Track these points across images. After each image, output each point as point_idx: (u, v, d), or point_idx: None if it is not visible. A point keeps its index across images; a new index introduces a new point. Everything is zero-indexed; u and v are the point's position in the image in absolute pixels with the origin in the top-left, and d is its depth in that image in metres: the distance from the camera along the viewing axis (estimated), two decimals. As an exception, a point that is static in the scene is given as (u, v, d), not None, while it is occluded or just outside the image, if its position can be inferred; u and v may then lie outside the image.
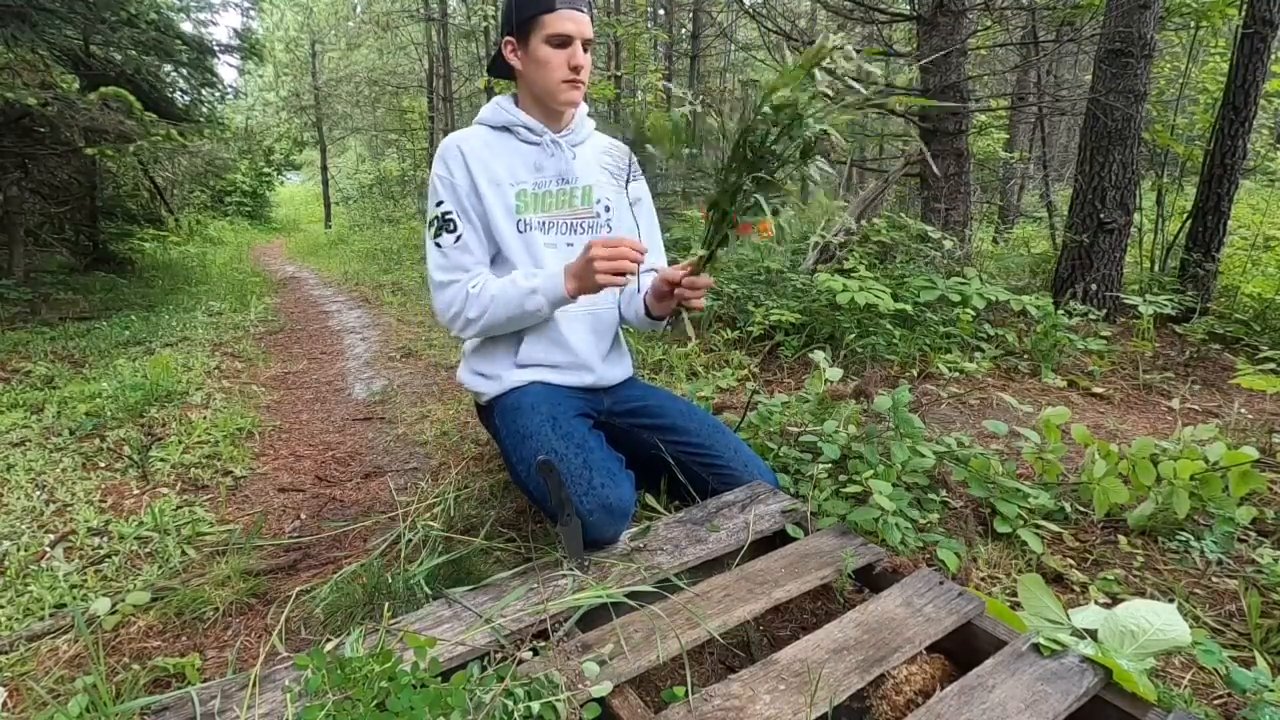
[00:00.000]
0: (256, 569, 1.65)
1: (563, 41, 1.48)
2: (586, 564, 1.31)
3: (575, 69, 1.50)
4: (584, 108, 1.68)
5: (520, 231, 1.59)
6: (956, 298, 3.29)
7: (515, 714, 0.91)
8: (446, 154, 1.57)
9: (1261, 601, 1.41)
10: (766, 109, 1.20)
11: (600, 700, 1.00)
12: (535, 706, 0.93)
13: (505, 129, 1.61)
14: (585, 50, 1.52)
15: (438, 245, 1.55)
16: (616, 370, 1.74)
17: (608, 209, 1.69)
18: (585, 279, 1.42)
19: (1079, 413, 2.67)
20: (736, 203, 1.30)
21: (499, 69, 1.62)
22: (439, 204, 1.56)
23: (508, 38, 1.54)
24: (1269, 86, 4.02)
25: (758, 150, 1.23)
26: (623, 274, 1.38)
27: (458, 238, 1.54)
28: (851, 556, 1.34)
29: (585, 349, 1.65)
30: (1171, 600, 1.45)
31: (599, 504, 1.34)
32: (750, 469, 1.62)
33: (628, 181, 1.73)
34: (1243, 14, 3.84)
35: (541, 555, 1.50)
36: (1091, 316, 3.51)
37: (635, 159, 1.76)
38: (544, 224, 1.61)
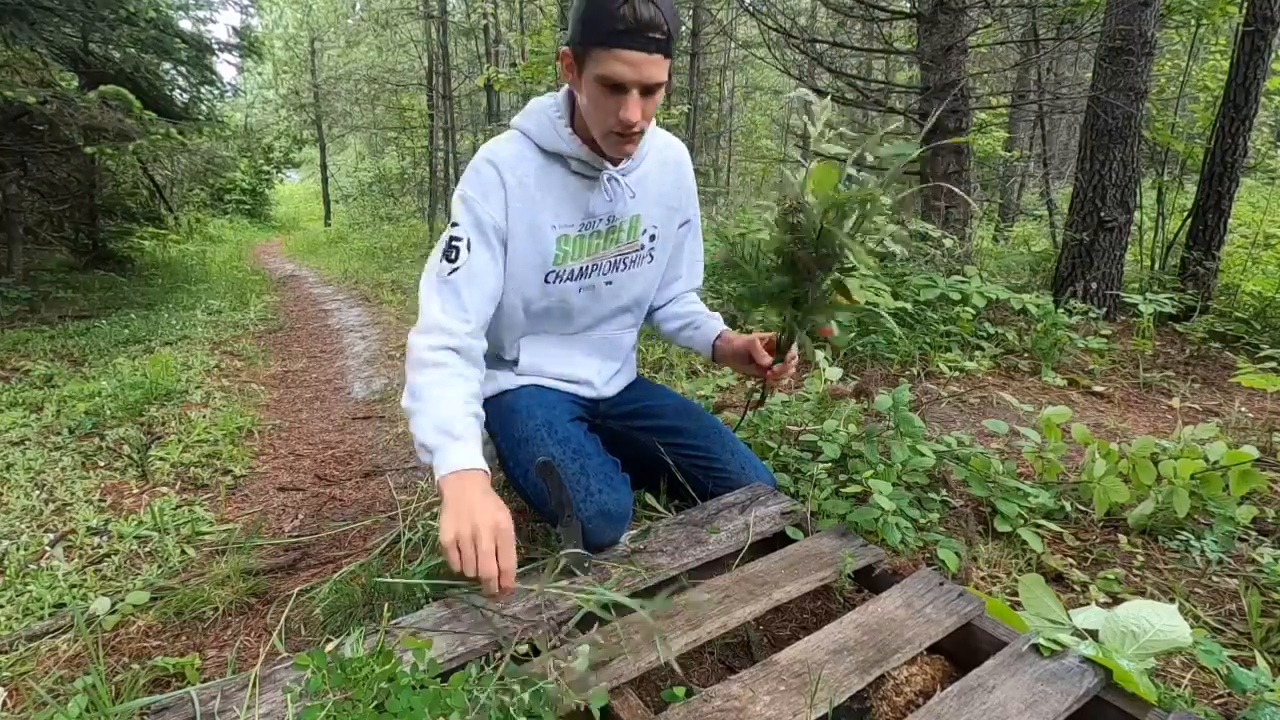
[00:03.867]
0: (256, 568, 1.65)
1: (615, 87, 1.18)
2: (587, 565, 1.31)
3: (624, 124, 1.21)
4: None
5: (547, 283, 1.42)
6: (956, 296, 3.29)
7: (514, 715, 0.91)
8: (486, 180, 1.33)
9: (1262, 601, 1.41)
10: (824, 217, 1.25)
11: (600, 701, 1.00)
12: (533, 711, 0.93)
13: (556, 154, 1.35)
14: (650, 94, 1.22)
15: (444, 262, 1.34)
16: (618, 384, 1.69)
17: (653, 238, 1.51)
18: (449, 520, 1.09)
19: (1079, 412, 2.67)
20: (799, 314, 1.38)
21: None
22: (455, 225, 1.34)
23: (564, 49, 1.26)
24: (1270, 84, 4.01)
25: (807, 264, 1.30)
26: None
27: (455, 269, 1.32)
28: (851, 557, 1.34)
29: (590, 371, 1.60)
30: (1172, 600, 1.45)
31: (597, 510, 1.33)
32: (748, 471, 1.61)
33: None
34: (1243, 12, 3.84)
35: (542, 556, 1.50)
36: (1092, 315, 3.51)
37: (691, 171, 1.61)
38: (584, 269, 1.44)
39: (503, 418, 1.52)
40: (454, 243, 1.33)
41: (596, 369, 1.61)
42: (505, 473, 1.56)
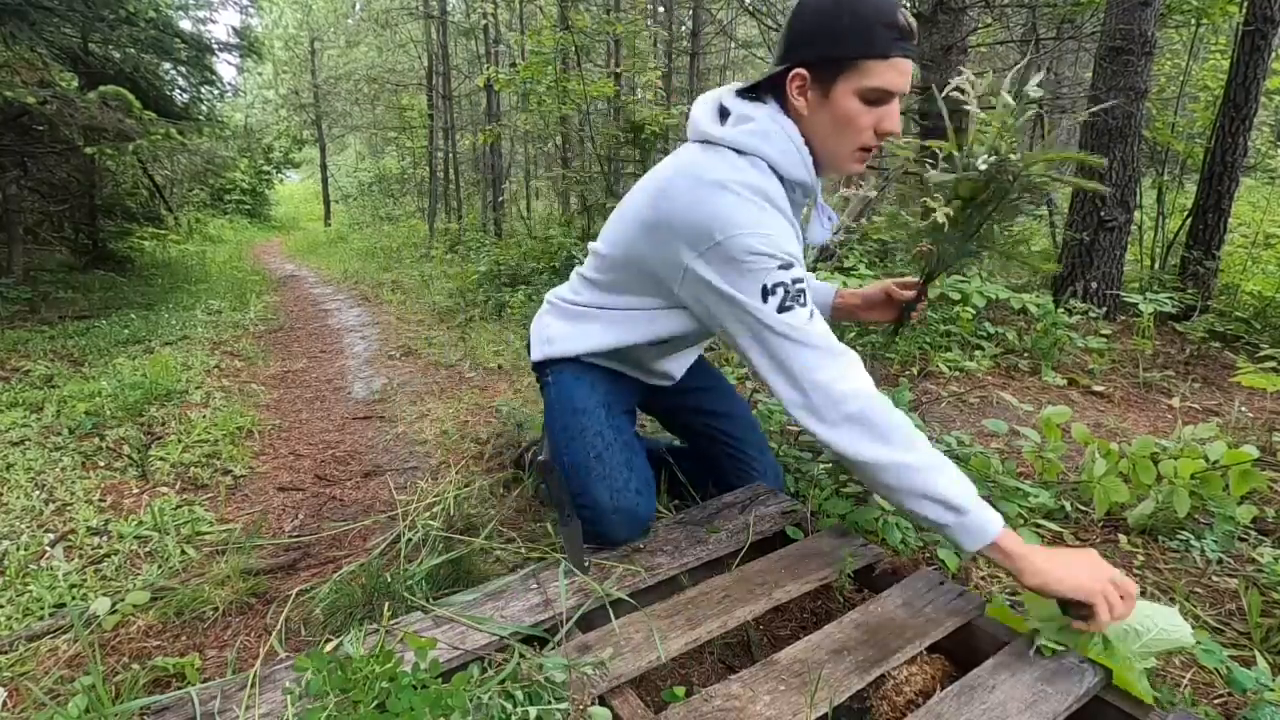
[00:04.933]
0: (256, 568, 1.65)
1: (881, 98, 1.13)
2: (587, 565, 1.31)
3: (883, 136, 1.16)
4: None
5: None
6: (956, 296, 3.29)
7: (514, 717, 0.91)
8: (767, 210, 1.15)
9: (1262, 600, 1.41)
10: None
11: (601, 701, 1.00)
12: (534, 711, 0.93)
13: (793, 186, 1.24)
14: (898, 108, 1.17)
15: (790, 325, 1.12)
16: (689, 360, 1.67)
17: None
18: (1069, 588, 1.02)
19: (1079, 411, 2.67)
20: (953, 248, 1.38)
21: (758, 89, 1.24)
22: (786, 267, 1.12)
23: (799, 70, 1.15)
24: (1270, 84, 4.01)
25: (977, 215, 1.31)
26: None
27: (811, 314, 1.14)
28: (851, 557, 1.34)
29: (678, 367, 1.58)
30: (1172, 600, 1.45)
31: (628, 508, 1.34)
32: (768, 472, 1.63)
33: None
34: (1244, 11, 3.84)
35: (542, 555, 1.50)
36: (1092, 314, 3.51)
37: None
38: None
39: (563, 387, 1.46)
40: (797, 285, 1.13)
41: (684, 368, 1.61)
42: (549, 435, 1.49)
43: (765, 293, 1.12)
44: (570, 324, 1.48)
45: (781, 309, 1.12)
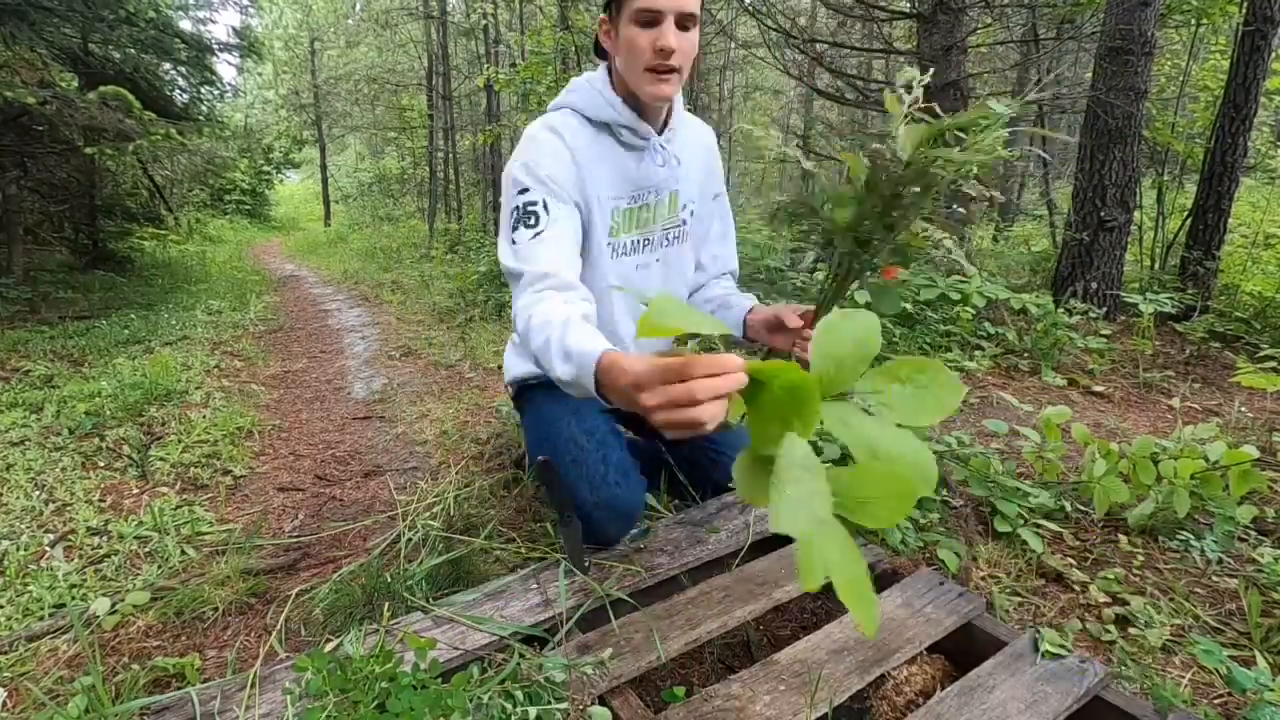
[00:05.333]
0: (256, 569, 1.65)
1: (651, 18, 1.23)
2: (586, 565, 1.31)
3: (662, 52, 1.23)
4: (680, 99, 1.44)
5: (611, 258, 1.42)
6: (956, 296, 3.29)
7: (514, 717, 0.91)
8: (550, 147, 1.32)
9: (1261, 600, 1.41)
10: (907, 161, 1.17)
11: (601, 701, 1.00)
12: (533, 711, 0.93)
13: (604, 125, 1.36)
14: (684, 29, 1.25)
15: (513, 243, 1.28)
16: None
17: (692, 214, 1.52)
18: (630, 405, 0.96)
19: (1079, 411, 2.67)
20: (865, 257, 1.23)
21: (601, 48, 1.39)
22: (523, 191, 1.28)
23: (602, 16, 1.33)
24: (1270, 84, 4.01)
25: (889, 202, 1.19)
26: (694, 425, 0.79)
27: (538, 233, 1.26)
28: (851, 556, 1.33)
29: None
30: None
31: (609, 501, 1.33)
32: None
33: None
34: (1243, 11, 3.84)
35: (541, 555, 1.50)
36: (1092, 315, 3.51)
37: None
38: (639, 242, 1.44)
39: (535, 400, 1.55)
40: (529, 207, 1.28)
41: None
42: (528, 455, 1.57)
43: (512, 213, 1.29)
44: (514, 351, 1.64)
45: (514, 227, 1.28)
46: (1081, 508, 1.80)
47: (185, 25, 7.21)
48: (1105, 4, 3.95)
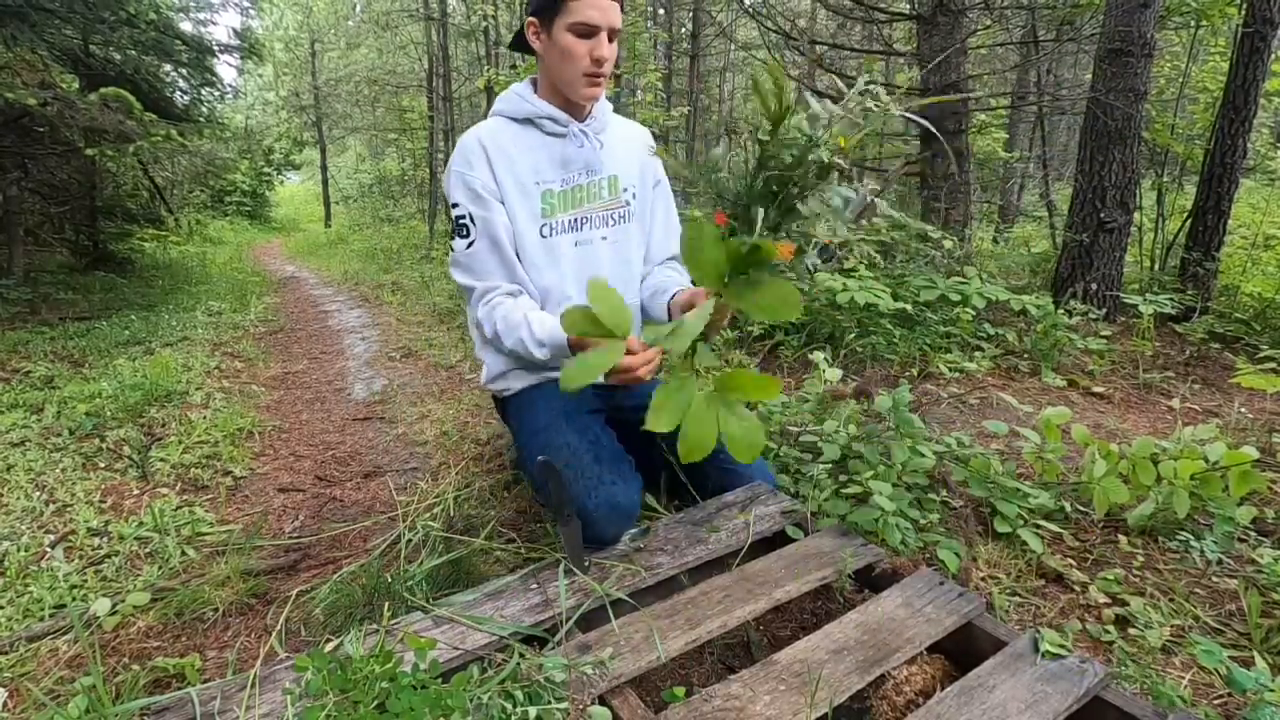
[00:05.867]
0: (256, 569, 1.65)
1: (587, 31, 1.39)
2: (586, 565, 1.31)
3: (598, 61, 1.41)
4: (607, 102, 1.63)
5: (544, 237, 1.52)
6: (956, 297, 3.29)
7: (514, 717, 0.91)
8: (467, 149, 1.48)
9: (1261, 601, 1.41)
10: (776, 137, 1.16)
11: (601, 701, 1.00)
12: (533, 711, 0.93)
13: (528, 121, 1.52)
14: (611, 41, 1.43)
15: (452, 250, 1.51)
16: None
17: (634, 197, 1.63)
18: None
19: (1079, 412, 2.67)
20: (757, 231, 1.24)
21: (520, 43, 1.53)
22: (455, 205, 1.49)
23: (531, 17, 1.46)
24: (1269, 85, 4.02)
25: (775, 178, 1.20)
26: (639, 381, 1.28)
27: (470, 243, 1.47)
28: (851, 557, 1.34)
29: None
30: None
31: (607, 501, 1.35)
32: (753, 469, 1.63)
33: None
34: (1243, 13, 3.84)
35: (541, 555, 1.50)
36: (1091, 316, 3.51)
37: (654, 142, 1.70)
38: (575, 221, 1.55)
39: (523, 408, 1.59)
40: (460, 221, 1.48)
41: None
42: (521, 463, 1.60)
43: (450, 226, 1.52)
44: (490, 354, 1.67)
45: (451, 237, 1.50)
46: (1081, 508, 1.80)
47: (186, 27, 7.22)
48: (1105, 6, 3.95)
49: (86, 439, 2.46)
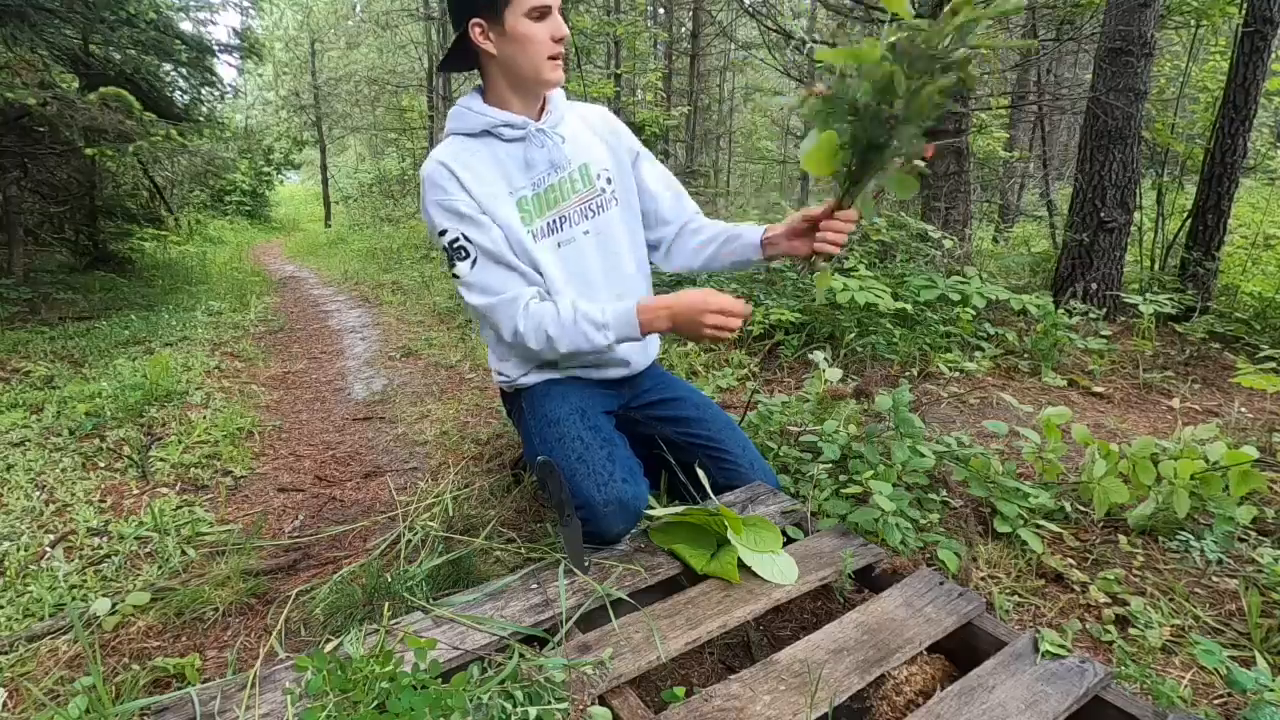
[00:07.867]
0: (256, 569, 1.65)
1: (543, 12, 1.37)
2: (587, 565, 1.31)
3: (559, 40, 1.39)
4: (560, 91, 1.57)
5: (535, 240, 1.50)
6: (956, 297, 3.29)
7: (514, 717, 0.91)
8: (435, 177, 1.43)
9: (1261, 601, 1.41)
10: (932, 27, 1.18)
11: (601, 701, 1.00)
12: (533, 711, 0.93)
13: (484, 133, 1.47)
14: (564, 17, 1.43)
15: (456, 276, 1.45)
16: (651, 354, 1.72)
17: (610, 180, 1.58)
18: (687, 329, 1.38)
19: (1079, 412, 2.67)
20: (881, 140, 1.23)
21: (456, 61, 1.49)
22: (443, 233, 1.44)
23: (475, 20, 1.39)
24: (1269, 85, 4.01)
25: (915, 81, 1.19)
26: (728, 333, 1.37)
27: (473, 263, 1.43)
28: (851, 557, 1.34)
29: (628, 348, 1.60)
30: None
31: (616, 498, 1.35)
32: (755, 468, 1.63)
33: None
34: (1243, 12, 3.84)
35: (542, 555, 1.50)
36: (1092, 315, 3.51)
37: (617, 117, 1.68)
38: (555, 222, 1.51)
39: (536, 400, 1.58)
40: (454, 246, 1.43)
41: (638, 346, 1.62)
42: (527, 454, 1.59)
43: (444, 256, 1.48)
44: (510, 357, 1.64)
45: (451, 264, 1.46)
46: (1081, 508, 1.80)
47: (186, 26, 7.20)
48: (1105, 5, 3.95)
49: (86, 439, 2.46)
